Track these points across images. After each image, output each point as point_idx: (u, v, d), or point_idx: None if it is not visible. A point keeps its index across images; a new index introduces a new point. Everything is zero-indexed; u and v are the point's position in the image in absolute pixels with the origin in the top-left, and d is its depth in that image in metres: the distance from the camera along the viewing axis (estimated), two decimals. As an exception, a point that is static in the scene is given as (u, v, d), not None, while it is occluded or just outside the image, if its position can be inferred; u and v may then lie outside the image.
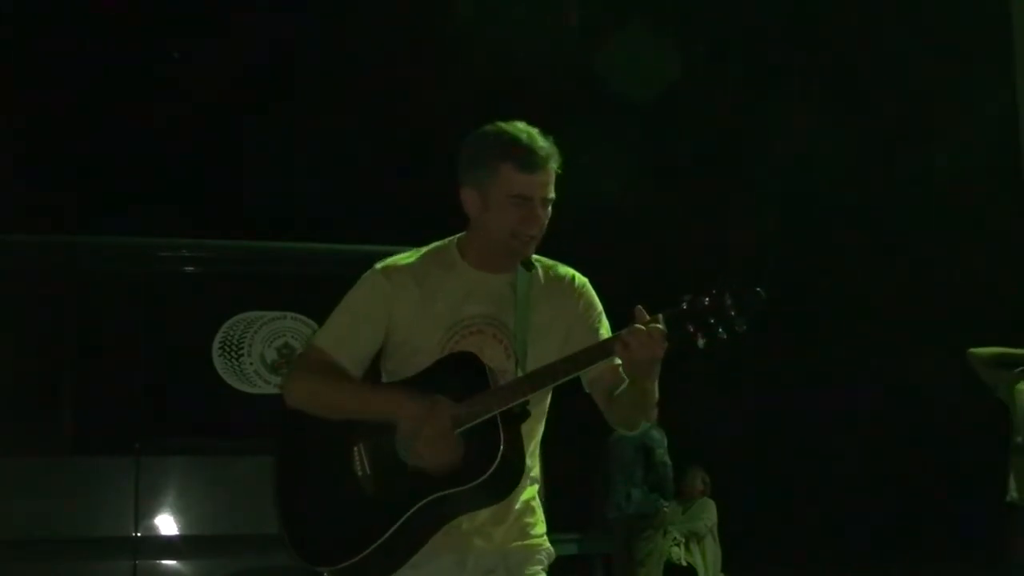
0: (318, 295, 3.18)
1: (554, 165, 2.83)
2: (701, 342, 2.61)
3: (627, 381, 2.80)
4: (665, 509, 9.14)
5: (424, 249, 2.97)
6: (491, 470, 2.65)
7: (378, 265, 2.94)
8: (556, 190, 2.87)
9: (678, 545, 9.67)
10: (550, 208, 2.87)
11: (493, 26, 13.90)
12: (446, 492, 2.69)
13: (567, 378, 2.74)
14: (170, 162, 14.37)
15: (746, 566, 10.77)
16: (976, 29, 13.05)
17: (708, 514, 9.97)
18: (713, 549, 9.92)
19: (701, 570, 9.75)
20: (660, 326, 2.63)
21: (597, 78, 15.23)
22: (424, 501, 2.70)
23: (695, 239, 15.45)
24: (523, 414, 2.75)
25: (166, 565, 4.58)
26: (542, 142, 2.82)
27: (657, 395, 2.81)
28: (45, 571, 4.40)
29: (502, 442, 2.67)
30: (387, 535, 2.71)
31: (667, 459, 9.05)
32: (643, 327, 2.64)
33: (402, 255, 2.96)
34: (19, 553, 4.34)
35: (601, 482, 9.28)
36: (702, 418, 13.83)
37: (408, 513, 2.70)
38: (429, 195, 2.99)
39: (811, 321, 16.07)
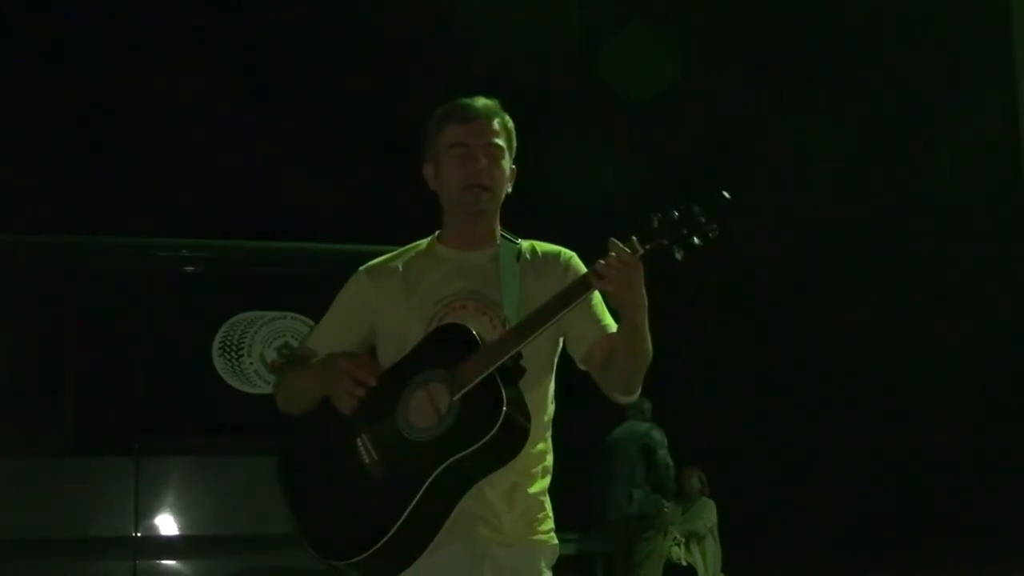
0: (318, 295, 3.18)
1: (498, 122, 2.91)
2: (679, 254, 2.67)
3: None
4: (665, 510, 9.14)
5: (407, 246, 3.05)
6: (497, 426, 2.64)
7: (362, 267, 3.03)
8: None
9: (678, 545, 9.67)
10: (503, 164, 2.91)
11: (493, 25, 13.90)
12: (455, 458, 2.67)
13: (555, 319, 2.74)
14: (170, 162, 14.38)
15: (746, 566, 10.77)
16: (976, 29, 13.05)
17: (708, 514, 9.97)
18: (713, 549, 9.92)
19: (701, 570, 9.75)
20: (627, 249, 2.67)
21: (597, 78, 15.23)
22: (436, 472, 2.67)
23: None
24: (519, 369, 2.75)
25: (166, 565, 4.57)
26: (481, 101, 2.92)
27: (650, 346, 2.80)
28: (45, 571, 4.40)
29: (504, 399, 2.66)
30: (406, 513, 2.68)
31: (669, 460, 9.04)
32: (614, 253, 2.67)
33: (386, 255, 3.04)
34: (19, 553, 4.34)
35: (601, 482, 9.27)
36: (702, 418, 13.84)
37: (423, 488, 2.68)
38: (428, 195, 2.98)
39: (811, 320, 16.07)
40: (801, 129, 15.48)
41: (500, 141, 2.91)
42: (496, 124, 2.91)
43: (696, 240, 2.66)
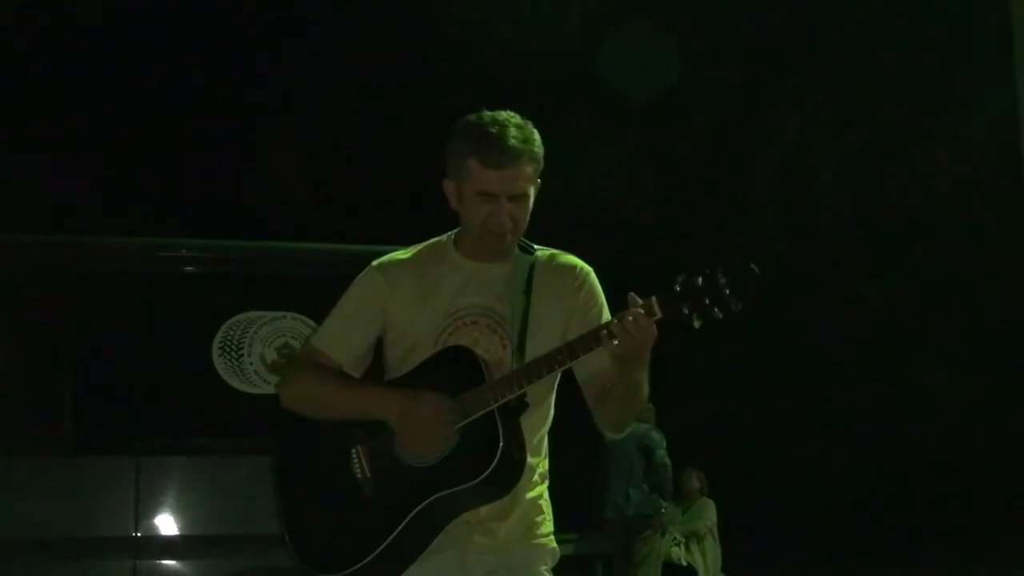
0: (318, 295, 3.17)
1: (527, 159, 2.75)
2: (697, 323, 2.55)
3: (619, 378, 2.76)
4: (663, 511, 9.14)
5: (421, 244, 2.96)
6: (491, 467, 2.62)
7: (375, 262, 2.93)
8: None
9: (678, 545, 9.68)
10: (529, 202, 2.80)
11: (493, 25, 13.90)
12: (447, 492, 2.66)
13: (562, 368, 2.70)
14: (170, 162, 14.37)
15: (746, 566, 10.77)
16: (976, 29, 13.06)
17: (708, 514, 9.97)
18: (713, 549, 9.92)
19: (701, 570, 9.75)
20: (646, 312, 2.58)
21: (597, 78, 15.22)
22: (426, 502, 2.67)
23: (695, 239, 15.45)
24: (521, 406, 2.72)
25: (166, 565, 4.57)
26: (513, 137, 2.73)
27: (647, 390, 2.77)
28: (45, 571, 4.40)
29: (501, 437, 2.64)
30: (390, 539, 2.69)
31: (667, 460, 9.05)
32: (632, 318, 2.58)
33: (400, 251, 2.95)
34: (19, 553, 4.34)
35: (600, 482, 9.27)
36: (701, 418, 13.84)
37: (410, 515, 2.68)
38: (429, 195, 2.96)
39: (811, 320, 16.06)
40: (801, 129, 15.48)
41: (529, 186, 2.77)
42: (527, 166, 2.75)
43: (717, 312, 2.53)
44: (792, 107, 15.58)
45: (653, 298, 2.59)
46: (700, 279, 2.54)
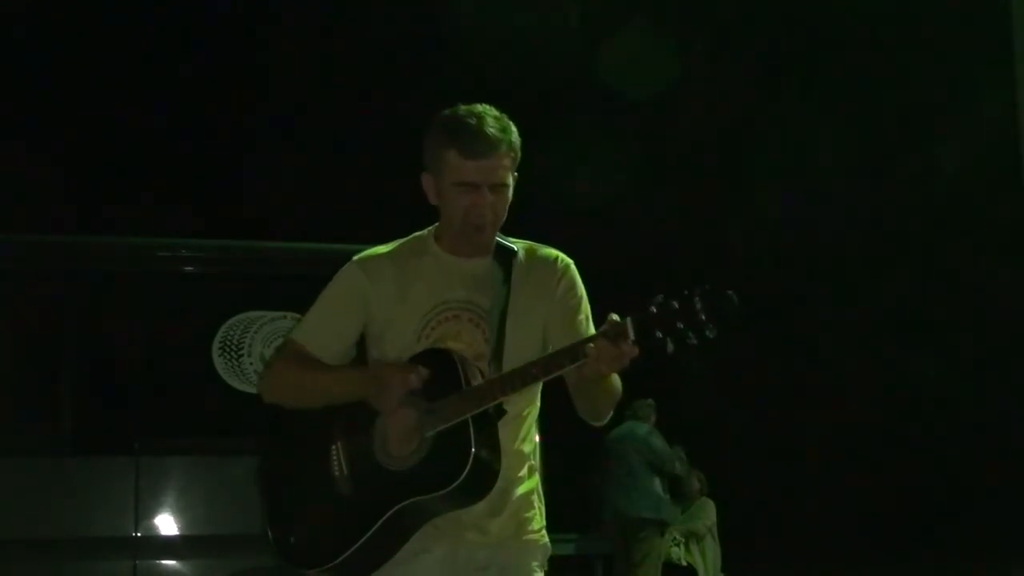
0: (318, 295, 3.17)
1: (505, 149, 2.75)
2: (670, 347, 2.49)
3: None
4: (670, 518, 9.15)
5: (402, 239, 2.96)
6: (463, 476, 2.62)
7: (355, 257, 2.93)
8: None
9: (678, 545, 9.67)
10: (508, 193, 2.80)
11: (493, 25, 13.90)
12: (420, 498, 2.67)
13: (537, 382, 2.70)
14: (170, 162, 14.38)
15: (746, 566, 10.77)
16: (976, 29, 13.06)
17: (708, 514, 9.97)
18: (713, 549, 9.92)
19: (701, 570, 9.75)
20: (620, 335, 2.52)
21: (597, 78, 15.23)
22: (398, 506, 2.68)
23: (694, 239, 15.47)
24: (497, 413, 2.72)
25: (166, 565, 4.58)
26: (491, 127, 2.74)
27: (619, 382, 2.77)
28: (45, 571, 4.40)
29: (473, 444, 2.63)
30: (365, 538, 2.70)
31: (666, 447, 9.06)
32: (613, 345, 2.53)
33: (380, 246, 2.95)
34: (19, 553, 4.34)
35: (600, 482, 9.28)
36: (701, 418, 13.83)
37: (382, 519, 2.69)
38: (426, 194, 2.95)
39: (810, 321, 16.07)
40: (801, 129, 15.47)
41: (508, 176, 2.79)
42: (506, 156, 2.76)
43: (692, 337, 2.47)
44: (792, 107, 15.58)
45: (628, 319, 2.54)
46: (676, 303, 2.48)
